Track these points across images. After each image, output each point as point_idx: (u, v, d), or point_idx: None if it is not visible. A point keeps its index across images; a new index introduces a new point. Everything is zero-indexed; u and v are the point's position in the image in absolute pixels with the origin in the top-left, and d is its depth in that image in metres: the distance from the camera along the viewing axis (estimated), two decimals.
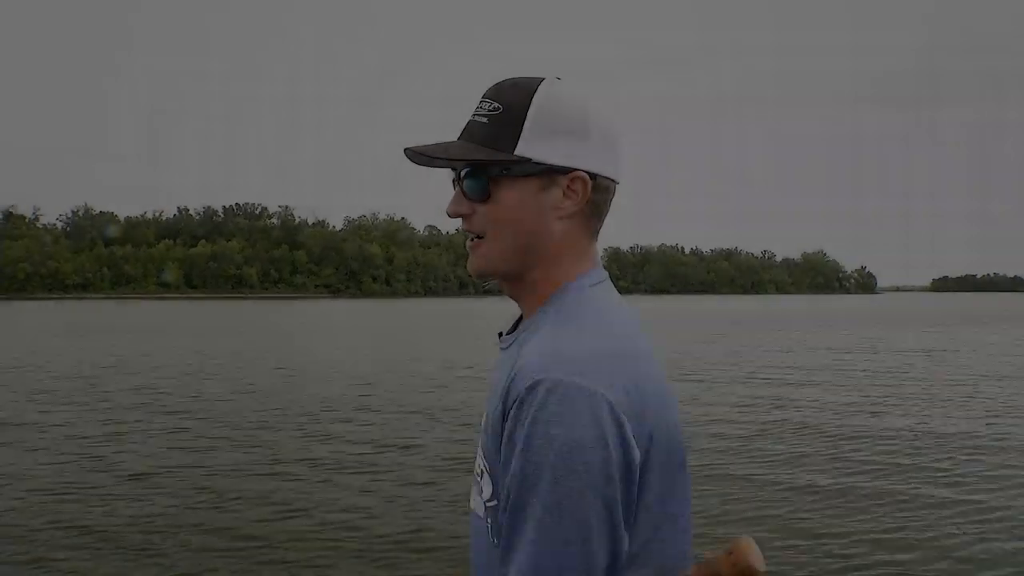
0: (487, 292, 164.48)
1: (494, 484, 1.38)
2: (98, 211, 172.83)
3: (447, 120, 1.56)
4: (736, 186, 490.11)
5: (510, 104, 1.40)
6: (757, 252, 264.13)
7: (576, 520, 1.23)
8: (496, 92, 1.43)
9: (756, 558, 1.24)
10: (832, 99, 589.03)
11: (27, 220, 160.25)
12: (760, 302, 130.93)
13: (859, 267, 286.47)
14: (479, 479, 1.45)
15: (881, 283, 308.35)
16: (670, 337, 35.15)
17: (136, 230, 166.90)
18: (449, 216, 1.46)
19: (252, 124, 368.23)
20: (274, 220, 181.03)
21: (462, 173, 1.43)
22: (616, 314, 1.44)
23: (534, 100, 1.40)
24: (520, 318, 1.57)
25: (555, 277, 1.46)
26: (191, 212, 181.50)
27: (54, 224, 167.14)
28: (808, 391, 18.67)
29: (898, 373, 22.59)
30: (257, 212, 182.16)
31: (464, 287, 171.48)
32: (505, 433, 1.30)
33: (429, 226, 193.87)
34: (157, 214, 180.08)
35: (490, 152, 1.40)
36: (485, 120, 1.41)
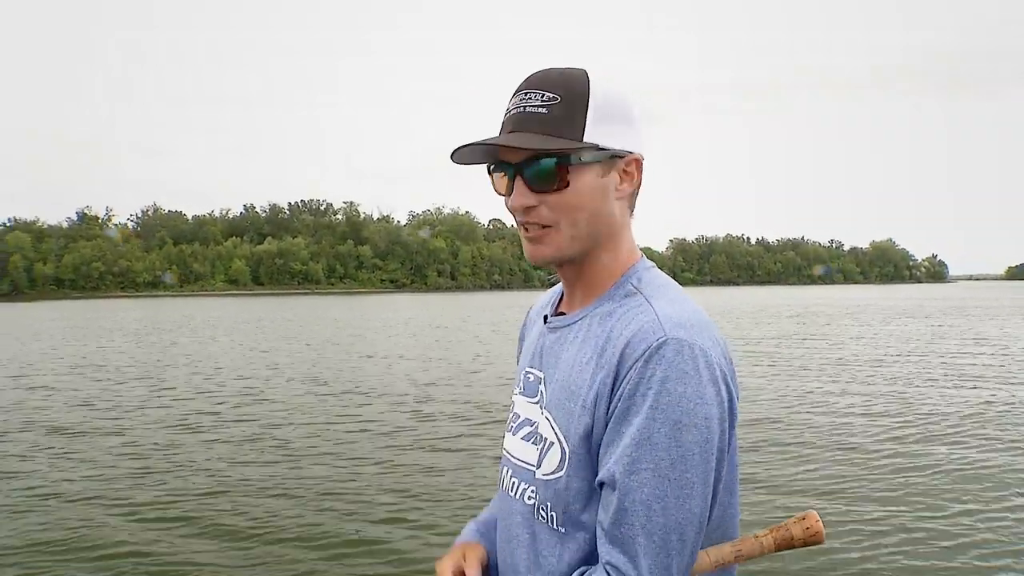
0: (552, 284, 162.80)
1: (568, 456, 1.41)
2: (167, 210, 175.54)
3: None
4: (803, 175, 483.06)
5: (570, 93, 1.40)
6: (824, 241, 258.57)
7: (698, 472, 1.28)
8: (547, 82, 1.41)
9: (822, 527, 1.32)
10: (900, 84, 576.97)
11: (100, 220, 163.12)
12: (833, 292, 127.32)
13: (929, 255, 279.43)
14: (540, 453, 1.47)
15: (953, 272, 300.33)
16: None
17: (204, 228, 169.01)
18: (514, 210, 1.45)
19: (317, 122, 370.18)
20: (339, 216, 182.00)
21: (525, 165, 1.42)
22: (685, 291, 1.48)
23: (591, 89, 1.41)
24: (561, 299, 1.63)
25: (621, 257, 1.51)
26: (257, 210, 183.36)
27: (125, 224, 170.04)
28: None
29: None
30: (322, 208, 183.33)
31: (529, 280, 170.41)
32: (621, 392, 1.32)
33: (493, 219, 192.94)
34: (224, 212, 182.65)
35: (562, 141, 1.39)
36: (544, 110, 1.39)
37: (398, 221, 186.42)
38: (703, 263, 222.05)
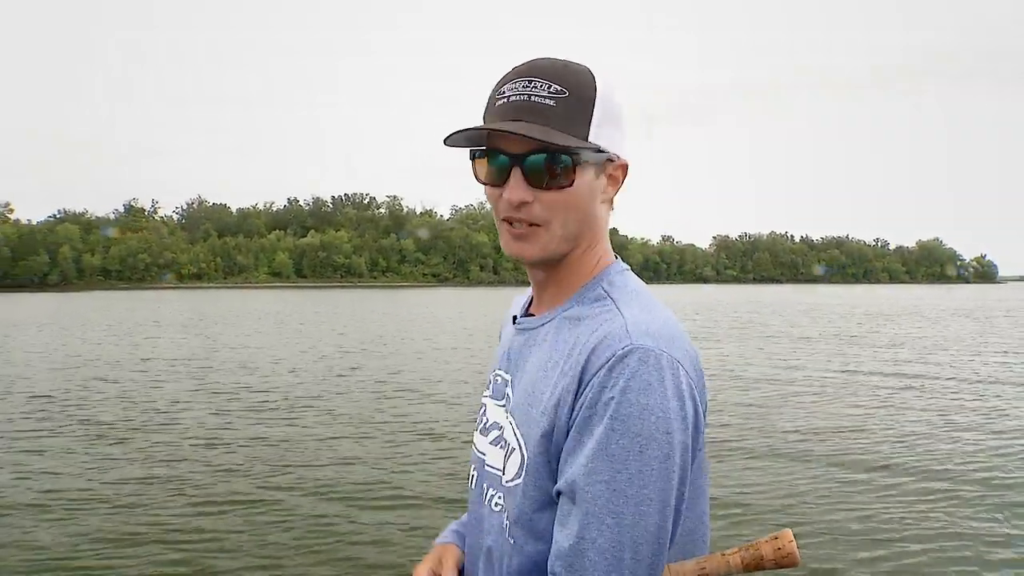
0: None
1: (526, 462, 1.37)
2: (211, 203, 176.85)
3: None
4: (847, 173, 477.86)
5: (576, 89, 1.36)
6: (869, 240, 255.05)
7: (657, 488, 1.23)
8: (554, 74, 1.36)
9: (796, 548, 1.29)
10: (945, 78, 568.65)
11: (146, 212, 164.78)
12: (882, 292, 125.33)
13: (978, 255, 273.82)
14: (505, 458, 1.44)
15: (1003, 272, 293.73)
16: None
17: (248, 221, 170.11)
18: (507, 203, 1.38)
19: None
20: (382, 210, 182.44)
21: (527, 157, 1.35)
22: (657, 297, 1.43)
23: (598, 87, 1.37)
24: (531, 301, 1.58)
25: (595, 259, 1.47)
26: (301, 203, 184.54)
27: (170, 216, 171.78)
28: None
29: None
30: (365, 202, 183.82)
31: None
32: (583, 400, 1.28)
33: None
34: (268, 205, 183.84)
35: (570, 138, 1.34)
36: (551, 103, 1.34)
37: (441, 215, 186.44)
38: (746, 260, 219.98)
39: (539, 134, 1.31)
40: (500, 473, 1.45)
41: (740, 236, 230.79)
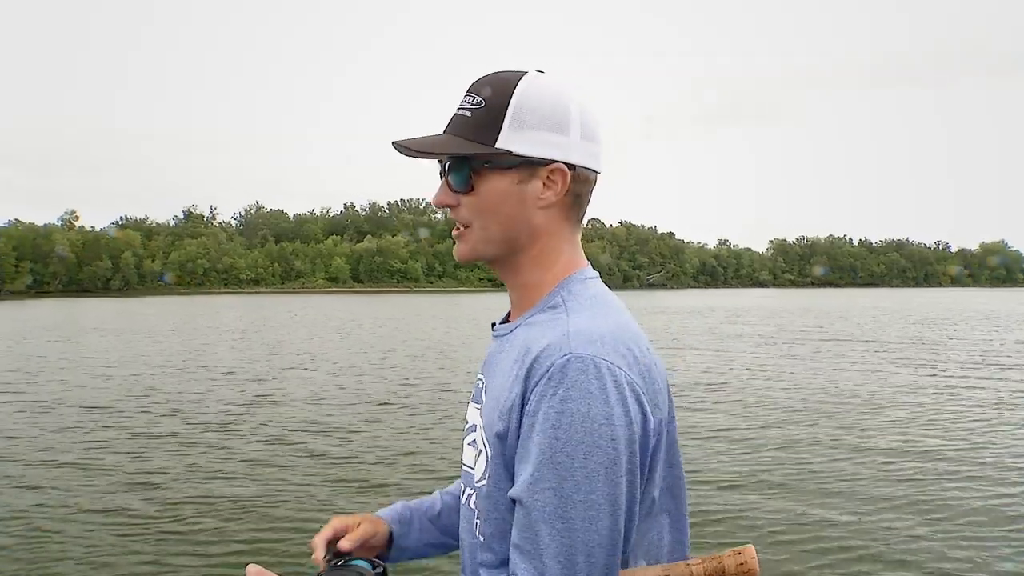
0: (651, 286, 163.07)
1: (488, 464, 1.42)
2: (269, 209, 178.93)
3: None
4: (906, 172, 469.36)
5: (491, 98, 1.43)
6: (930, 242, 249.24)
7: (605, 493, 1.25)
8: (479, 86, 1.45)
9: (757, 564, 1.32)
10: (1007, 70, 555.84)
11: (204, 219, 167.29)
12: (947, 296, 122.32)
13: None
14: (475, 459, 1.49)
15: None
16: None
17: (304, 226, 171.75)
18: (435, 206, 1.50)
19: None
20: (438, 215, 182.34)
21: (447, 166, 1.46)
22: (617, 304, 1.47)
23: (514, 94, 1.42)
24: (510, 310, 1.63)
25: (555, 268, 1.50)
26: (357, 208, 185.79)
27: (228, 222, 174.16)
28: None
29: None
30: (421, 207, 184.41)
31: (628, 280, 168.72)
32: (528, 409, 1.31)
33: (592, 219, 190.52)
34: (324, 210, 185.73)
35: (472, 145, 1.42)
36: (468, 114, 1.44)
37: None
38: (804, 264, 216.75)
39: (429, 144, 1.45)
40: (473, 473, 1.49)
41: (798, 239, 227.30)
